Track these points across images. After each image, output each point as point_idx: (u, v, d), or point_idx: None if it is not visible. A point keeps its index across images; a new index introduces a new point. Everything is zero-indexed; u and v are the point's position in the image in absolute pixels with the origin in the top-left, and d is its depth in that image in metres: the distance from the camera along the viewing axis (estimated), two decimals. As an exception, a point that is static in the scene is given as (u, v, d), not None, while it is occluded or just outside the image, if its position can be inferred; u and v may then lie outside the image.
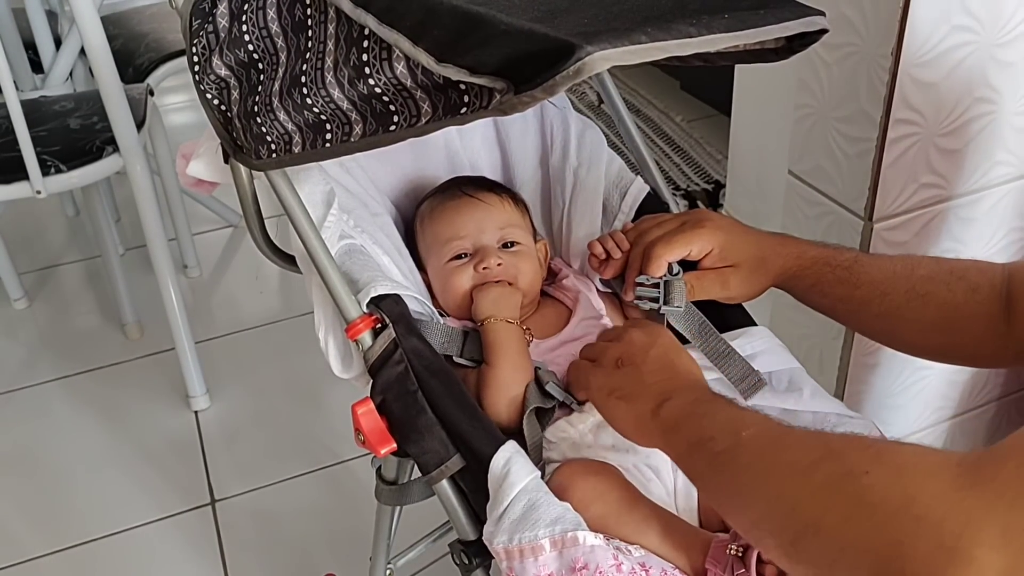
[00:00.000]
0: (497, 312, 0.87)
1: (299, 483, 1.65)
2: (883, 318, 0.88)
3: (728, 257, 0.89)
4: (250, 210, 0.91)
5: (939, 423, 1.39)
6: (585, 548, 0.68)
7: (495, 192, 0.98)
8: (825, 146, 1.16)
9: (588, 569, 0.67)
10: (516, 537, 0.69)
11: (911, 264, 0.88)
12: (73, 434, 1.79)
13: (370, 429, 0.79)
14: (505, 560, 0.70)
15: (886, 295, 0.86)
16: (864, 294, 0.87)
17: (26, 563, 1.53)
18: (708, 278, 0.89)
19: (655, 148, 2.54)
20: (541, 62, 0.55)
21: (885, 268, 0.88)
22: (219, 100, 0.82)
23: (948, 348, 0.87)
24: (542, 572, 0.68)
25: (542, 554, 0.68)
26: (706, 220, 0.90)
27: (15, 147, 1.56)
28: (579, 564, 0.67)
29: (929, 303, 0.84)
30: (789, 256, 0.89)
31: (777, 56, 0.73)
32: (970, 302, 0.83)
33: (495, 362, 0.84)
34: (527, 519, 0.70)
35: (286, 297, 2.16)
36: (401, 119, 0.66)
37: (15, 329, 2.12)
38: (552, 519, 0.69)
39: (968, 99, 1.08)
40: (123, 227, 2.37)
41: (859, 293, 0.87)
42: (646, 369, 0.74)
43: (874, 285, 0.87)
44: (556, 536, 0.69)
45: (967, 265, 0.87)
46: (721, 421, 0.65)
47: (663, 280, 0.87)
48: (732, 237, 0.89)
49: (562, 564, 0.68)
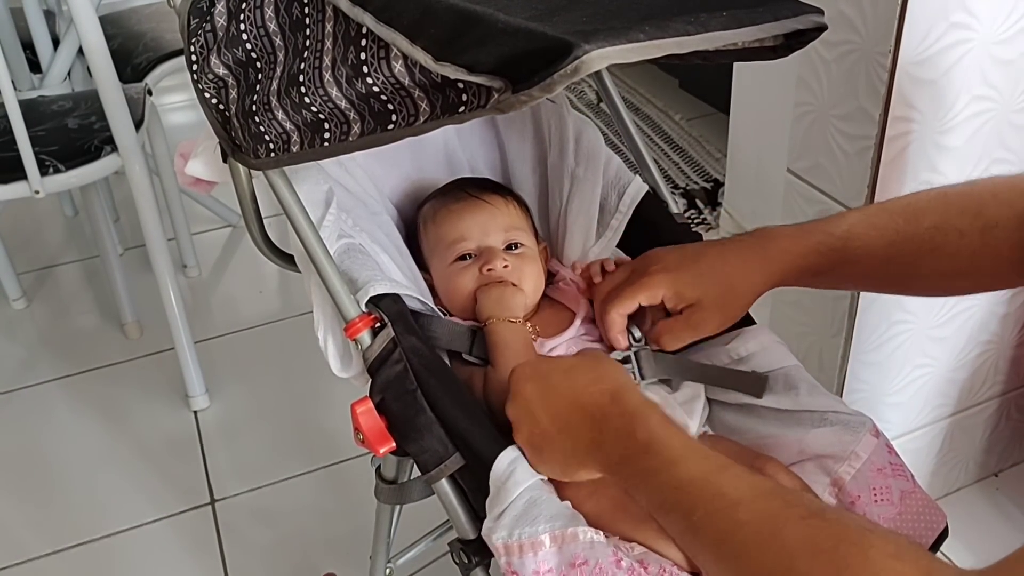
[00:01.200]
0: (501, 312, 0.87)
1: (299, 482, 1.65)
2: (893, 282, 0.83)
3: (686, 296, 0.83)
4: (249, 209, 0.91)
5: (938, 420, 1.39)
6: (585, 544, 0.68)
7: (499, 194, 0.97)
8: (824, 144, 1.16)
9: (588, 565, 0.67)
10: (516, 532, 0.69)
11: (914, 215, 0.79)
12: (72, 434, 1.79)
13: (369, 428, 0.79)
14: (504, 556, 0.69)
15: (890, 260, 0.79)
16: (865, 268, 0.81)
17: (26, 563, 1.53)
18: (675, 327, 0.84)
19: (654, 147, 2.54)
20: (539, 60, 0.55)
21: (885, 232, 0.80)
22: (217, 99, 0.82)
23: (975, 287, 0.82)
24: (542, 568, 0.68)
25: (541, 549, 0.68)
26: (652, 265, 0.84)
27: (13, 147, 1.56)
28: (579, 560, 0.67)
29: (941, 255, 0.77)
30: (765, 271, 0.82)
31: (775, 54, 0.73)
32: (989, 242, 0.75)
33: (499, 362, 0.84)
34: (527, 515, 0.69)
35: (285, 297, 2.16)
36: (399, 118, 0.66)
37: (14, 329, 2.12)
38: (552, 515, 0.69)
39: (967, 96, 1.08)
40: (122, 227, 2.37)
41: (860, 268, 0.81)
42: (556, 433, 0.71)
43: (874, 256, 0.80)
44: (556, 531, 0.68)
45: (982, 197, 0.78)
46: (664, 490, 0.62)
47: (632, 353, 0.86)
48: (683, 275, 0.83)
49: (562, 560, 0.68)
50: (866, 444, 0.78)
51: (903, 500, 0.76)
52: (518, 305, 0.89)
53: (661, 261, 0.85)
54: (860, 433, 0.79)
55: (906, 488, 0.77)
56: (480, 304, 0.89)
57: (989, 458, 1.50)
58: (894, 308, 1.21)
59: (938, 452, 1.43)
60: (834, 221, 0.82)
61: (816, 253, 0.81)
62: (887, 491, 0.76)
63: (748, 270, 0.82)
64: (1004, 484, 1.52)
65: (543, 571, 0.68)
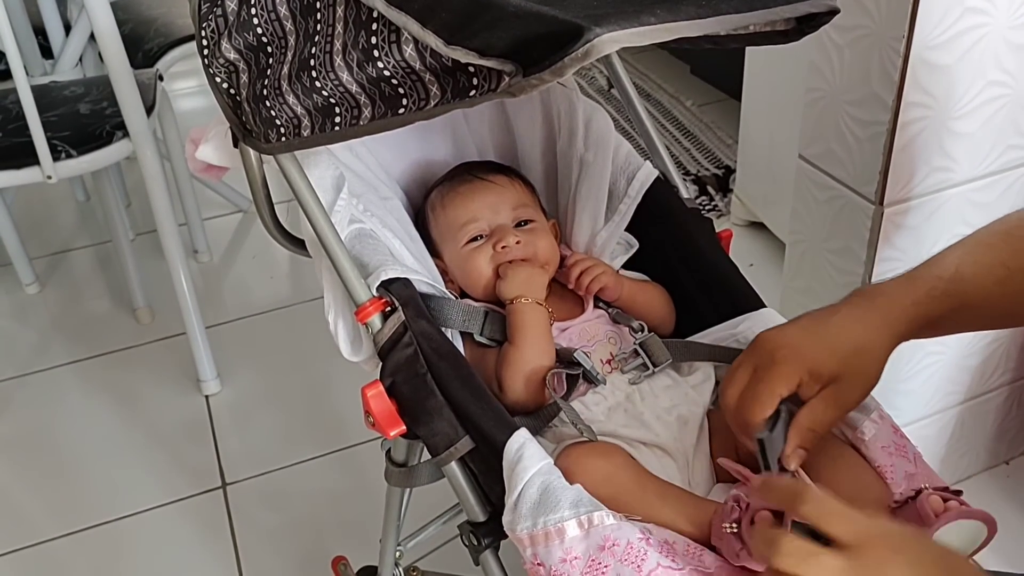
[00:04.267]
0: (527, 292, 0.87)
1: (309, 466, 1.66)
2: (1007, 320, 0.81)
3: (823, 375, 0.73)
4: (260, 195, 0.91)
5: (949, 408, 1.38)
6: (612, 526, 0.67)
7: (505, 174, 0.98)
8: (836, 130, 1.15)
9: (619, 545, 0.66)
10: (540, 521, 0.68)
11: (1017, 247, 0.76)
12: (85, 418, 1.81)
13: (380, 411, 0.79)
14: (529, 546, 0.68)
15: (1004, 297, 0.76)
16: (981, 309, 0.77)
17: (38, 545, 1.55)
18: (817, 410, 0.74)
19: (665, 133, 2.53)
20: (550, 44, 0.55)
21: (993, 269, 0.76)
22: (228, 84, 0.82)
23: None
24: (568, 555, 0.67)
25: (567, 536, 0.67)
26: (777, 350, 0.74)
27: (26, 132, 1.57)
28: (608, 542, 0.66)
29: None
30: (888, 329, 0.75)
31: (787, 38, 0.73)
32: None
33: (520, 343, 0.85)
34: (546, 502, 0.69)
35: (296, 281, 2.17)
36: (410, 102, 0.66)
37: (27, 314, 2.14)
38: (573, 500, 0.68)
39: (981, 82, 1.08)
40: (133, 212, 2.38)
41: (976, 311, 0.77)
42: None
43: (988, 296, 0.76)
44: (582, 517, 0.67)
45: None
46: None
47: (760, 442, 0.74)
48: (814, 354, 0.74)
49: (590, 544, 0.67)
50: (868, 428, 0.78)
51: (907, 481, 0.76)
52: (543, 286, 0.89)
53: (785, 344, 0.75)
54: (861, 422, 0.79)
55: (909, 470, 0.77)
56: (507, 283, 0.89)
57: (1000, 446, 1.50)
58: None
59: (949, 440, 1.43)
60: (939, 265, 0.78)
61: (930, 301, 0.76)
62: (892, 470, 0.76)
63: (872, 331, 0.75)
64: (1015, 472, 1.52)
65: (570, 558, 0.67)
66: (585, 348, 0.88)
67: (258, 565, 1.49)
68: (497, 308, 0.90)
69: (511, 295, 0.88)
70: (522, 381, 0.83)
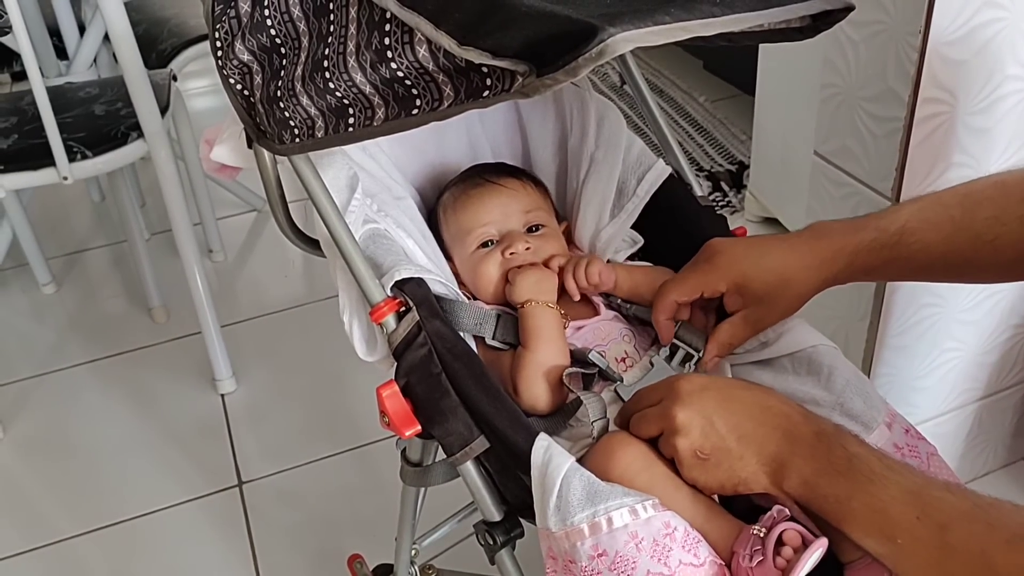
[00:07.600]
0: (537, 295, 0.87)
1: (325, 465, 1.66)
2: (949, 274, 0.82)
3: (749, 291, 0.80)
4: (274, 195, 0.91)
5: (966, 405, 1.37)
6: (668, 514, 0.67)
7: (516, 177, 0.97)
8: (852, 126, 1.14)
9: (679, 531, 0.66)
10: (601, 507, 0.67)
11: (970, 206, 0.77)
12: (101, 417, 1.82)
13: (395, 411, 0.79)
14: (590, 536, 0.67)
15: (946, 254, 0.77)
16: (920, 263, 0.79)
17: (56, 544, 1.56)
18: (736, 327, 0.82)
19: (678, 129, 2.53)
20: (563, 44, 0.55)
21: (940, 225, 0.77)
22: (242, 85, 0.83)
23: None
24: (633, 539, 0.66)
25: (640, 517, 0.66)
26: (717, 254, 0.81)
27: (41, 133, 1.58)
28: (669, 528, 0.66)
29: (1001, 247, 0.75)
30: (820, 269, 0.80)
31: (802, 35, 0.72)
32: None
33: (534, 346, 0.84)
34: (597, 493, 0.68)
35: (310, 281, 2.18)
36: (423, 103, 0.66)
37: (44, 314, 2.15)
38: (623, 491, 0.68)
39: (999, 77, 1.07)
40: (148, 212, 2.39)
41: (915, 264, 0.79)
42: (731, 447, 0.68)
43: (929, 251, 0.78)
44: (638, 505, 0.67)
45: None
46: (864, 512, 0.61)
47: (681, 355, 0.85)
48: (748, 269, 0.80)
49: (651, 529, 0.66)
50: (877, 438, 0.77)
51: None
52: (553, 289, 0.89)
53: (726, 252, 0.81)
54: (872, 430, 0.78)
55: (920, 467, 0.77)
56: (517, 287, 0.88)
57: (1018, 442, 1.49)
58: (922, 292, 1.20)
59: (966, 436, 1.42)
60: (888, 217, 0.80)
61: (868, 251, 0.79)
62: None
63: (804, 269, 0.79)
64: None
65: (636, 541, 0.66)
66: (599, 347, 0.88)
67: (274, 563, 1.50)
68: (509, 311, 0.90)
69: (522, 299, 0.87)
70: (538, 383, 0.83)
